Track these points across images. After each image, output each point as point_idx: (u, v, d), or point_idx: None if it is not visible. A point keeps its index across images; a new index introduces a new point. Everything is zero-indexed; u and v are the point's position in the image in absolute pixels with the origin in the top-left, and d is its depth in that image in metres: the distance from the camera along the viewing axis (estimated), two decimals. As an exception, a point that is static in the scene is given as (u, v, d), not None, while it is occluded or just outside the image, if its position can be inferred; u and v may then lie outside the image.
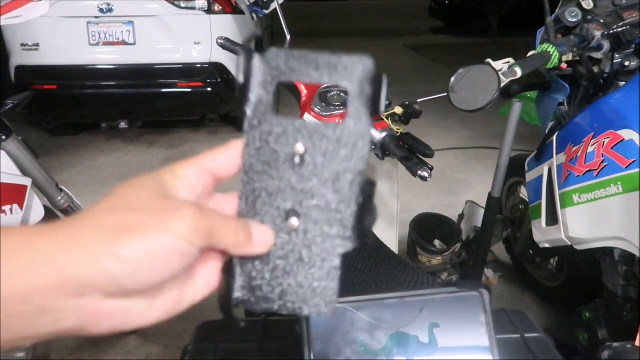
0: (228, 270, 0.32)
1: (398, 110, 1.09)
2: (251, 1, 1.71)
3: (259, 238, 0.31)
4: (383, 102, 0.31)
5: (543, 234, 1.55)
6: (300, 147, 0.31)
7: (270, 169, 0.31)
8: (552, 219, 1.49)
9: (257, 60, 0.31)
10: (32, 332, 0.27)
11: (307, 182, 0.31)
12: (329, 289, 0.31)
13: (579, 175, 1.34)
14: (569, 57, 1.32)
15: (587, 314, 1.46)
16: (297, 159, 0.31)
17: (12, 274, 0.25)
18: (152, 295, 0.29)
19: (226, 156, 0.32)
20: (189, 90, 3.60)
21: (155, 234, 0.27)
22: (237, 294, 0.31)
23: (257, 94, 0.31)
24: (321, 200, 0.31)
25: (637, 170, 1.18)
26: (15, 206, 1.41)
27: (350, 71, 0.31)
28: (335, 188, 0.31)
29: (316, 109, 1.10)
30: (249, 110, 0.31)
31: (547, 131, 1.53)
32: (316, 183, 0.31)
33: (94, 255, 0.26)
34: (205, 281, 0.32)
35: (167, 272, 0.28)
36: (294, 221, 0.31)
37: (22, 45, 3.47)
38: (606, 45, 1.35)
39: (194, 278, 0.32)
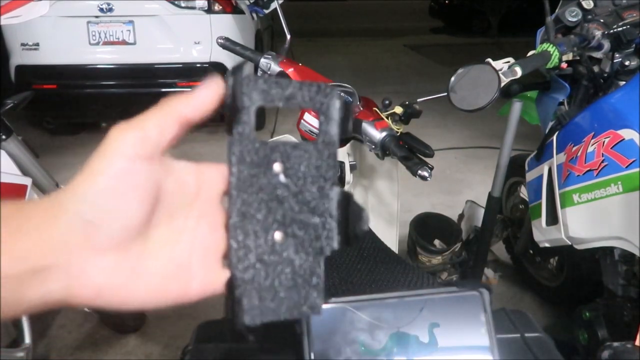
0: (230, 289, 0.33)
1: (398, 109, 1.09)
2: (251, 1, 1.71)
3: (199, 93, 0.33)
4: (350, 126, 0.36)
5: (543, 234, 1.55)
6: (277, 167, 0.34)
7: (254, 188, 0.33)
8: (552, 219, 1.49)
9: (248, 86, 0.33)
10: (21, 298, 0.28)
11: (288, 199, 0.34)
12: (315, 296, 0.35)
13: (579, 175, 1.34)
14: (569, 56, 1.32)
15: (587, 314, 1.46)
16: (278, 178, 0.34)
17: (12, 235, 0.27)
18: (133, 249, 0.30)
19: (218, 171, 0.34)
20: (189, 89, 3.55)
21: (94, 162, 0.29)
22: (245, 310, 0.33)
23: (245, 119, 0.33)
24: (303, 214, 0.35)
25: (637, 169, 1.18)
26: (15, 206, 1.41)
27: (324, 98, 0.35)
28: (312, 202, 0.35)
29: (316, 109, 1.10)
30: (237, 137, 0.33)
31: (547, 131, 1.53)
32: (295, 199, 0.34)
33: (65, 209, 0.28)
34: (200, 280, 0.33)
35: (127, 192, 0.29)
36: (278, 236, 0.34)
37: (22, 44, 3.48)
38: (606, 44, 1.35)
39: (186, 270, 0.32)
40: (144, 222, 0.31)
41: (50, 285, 0.28)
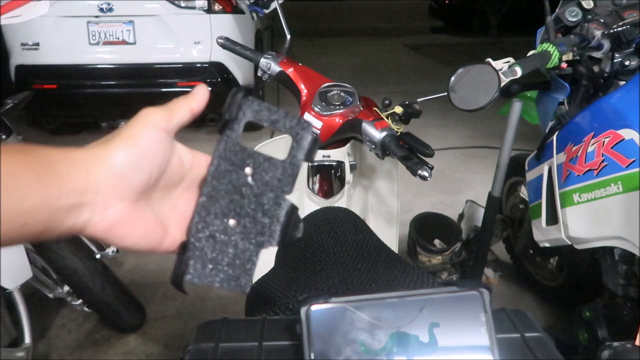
0: (182, 250, 0.41)
1: (398, 109, 1.09)
2: (251, 0, 1.71)
3: (198, 92, 0.43)
4: (314, 154, 0.44)
5: (543, 234, 1.55)
6: (249, 170, 0.42)
7: (225, 180, 0.42)
8: (552, 219, 1.49)
9: (245, 103, 0.42)
10: (60, 216, 0.35)
11: (249, 197, 0.43)
12: (247, 279, 0.43)
13: (579, 175, 1.34)
14: (569, 56, 1.32)
15: (587, 314, 1.46)
16: (247, 179, 0.42)
17: (62, 177, 0.35)
18: (140, 201, 0.39)
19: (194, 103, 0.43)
20: (189, 89, 3.57)
21: (131, 128, 0.38)
22: (189, 270, 0.41)
23: (237, 126, 0.42)
24: (256, 212, 0.43)
25: (637, 169, 1.18)
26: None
27: (300, 128, 0.43)
28: (266, 205, 0.43)
29: (316, 109, 1.10)
30: (225, 138, 0.42)
31: (547, 130, 1.53)
32: (255, 199, 0.43)
33: (106, 161, 0.37)
34: (172, 236, 0.42)
35: (155, 157, 0.39)
36: (232, 222, 0.42)
37: (22, 44, 3.48)
38: (606, 44, 1.35)
39: (166, 225, 0.42)
40: (155, 183, 0.40)
41: (80, 217, 0.36)
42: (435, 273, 2.10)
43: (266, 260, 1.15)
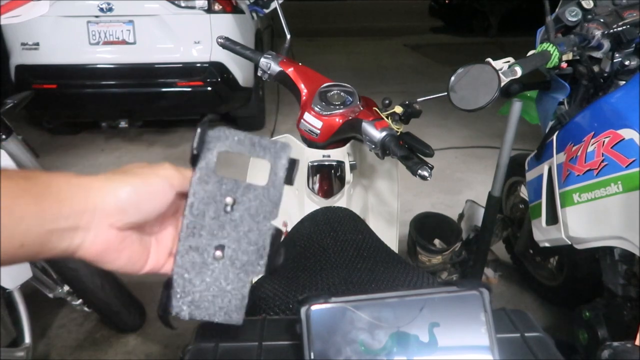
0: (168, 285, 0.42)
1: (398, 109, 1.09)
2: (251, 0, 1.71)
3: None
4: (295, 177, 0.44)
5: (543, 233, 1.55)
6: (229, 200, 0.42)
7: (207, 212, 0.42)
8: (552, 218, 1.49)
9: (211, 136, 0.42)
10: (55, 239, 0.37)
11: (233, 227, 0.42)
12: (239, 307, 0.43)
13: (579, 175, 1.34)
14: (569, 56, 1.32)
15: (587, 313, 1.46)
16: (227, 208, 0.42)
17: (61, 199, 0.37)
18: (133, 240, 0.42)
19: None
20: (189, 89, 3.60)
21: (149, 176, 0.41)
22: (176, 303, 0.41)
23: (208, 159, 0.42)
24: (242, 241, 0.43)
25: (637, 169, 1.18)
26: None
27: (275, 152, 0.43)
28: (250, 233, 0.43)
29: (316, 108, 1.10)
30: (198, 171, 0.42)
31: (547, 130, 1.53)
32: (237, 228, 0.43)
33: (110, 188, 0.39)
34: (153, 260, 0.44)
35: (156, 207, 0.41)
36: (218, 254, 0.42)
37: (22, 44, 3.47)
38: (606, 44, 1.35)
39: (149, 250, 0.44)
40: (146, 223, 0.43)
41: (74, 240, 0.38)
42: (435, 273, 2.10)
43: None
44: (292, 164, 0.44)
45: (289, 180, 0.44)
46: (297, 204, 1.20)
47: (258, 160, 0.45)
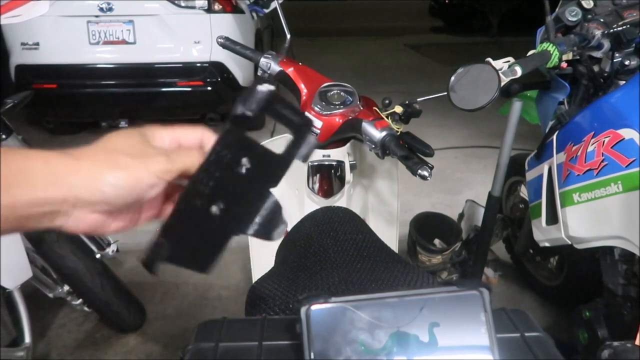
0: (163, 230, 0.42)
1: (398, 109, 1.09)
2: (251, 0, 1.71)
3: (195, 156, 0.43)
4: (309, 155, 0.46)
5: (543, 233, 1.54)
6: (245, 160, 0.43)
7: (221, 167, 0.42)
8: (552, 218, 1.49)
9: (259, 96, 0.42)
10: (32, 223, 0.37)
11: (237, 185, 0.43)
12: (211, 262, 0.44)
13: (579, 174, 1.34)
14: (569, 56, 1.32)
15: (587, 313, 1.46)
16: (242, 168, 0.43)
17: (36, 187, 0.36)
18: (121, 214, 0.42)
19: (193, 135, 0.45)
20: (189, 89, 3.60)
21: (138, 170, 0.39)
22: (164, 251, 0.42)
23: (247, 119, 0.42)
24: (239, 201, 0.44)
25: (637, 169, 1.18)
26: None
27: (299, 127, 0.45)
28: (251, 196, 0.44)
29: (316, 108, 1.10)
30: (232, 129, 0.42)
31: (547, 130, 1.53)
32: (242, 188, 0.43)
33: (94, 181, 0.38)
34: (148, 213, 0.45)
35: (143, 199, 0.41)
36: (215, 208, 0.43)
37: (22, 44, 3.47)
38: (606, 44, 1.35)
39: (143, 210, 0.45)
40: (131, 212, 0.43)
41: (53, 222, 0.38)
42: (435, 273, 2.10)
43: (266, 260, 1.15)
44: (311, 144, 0.45)
45: (305, 158, 0.46)
46: (297, 204, 1.20)
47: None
